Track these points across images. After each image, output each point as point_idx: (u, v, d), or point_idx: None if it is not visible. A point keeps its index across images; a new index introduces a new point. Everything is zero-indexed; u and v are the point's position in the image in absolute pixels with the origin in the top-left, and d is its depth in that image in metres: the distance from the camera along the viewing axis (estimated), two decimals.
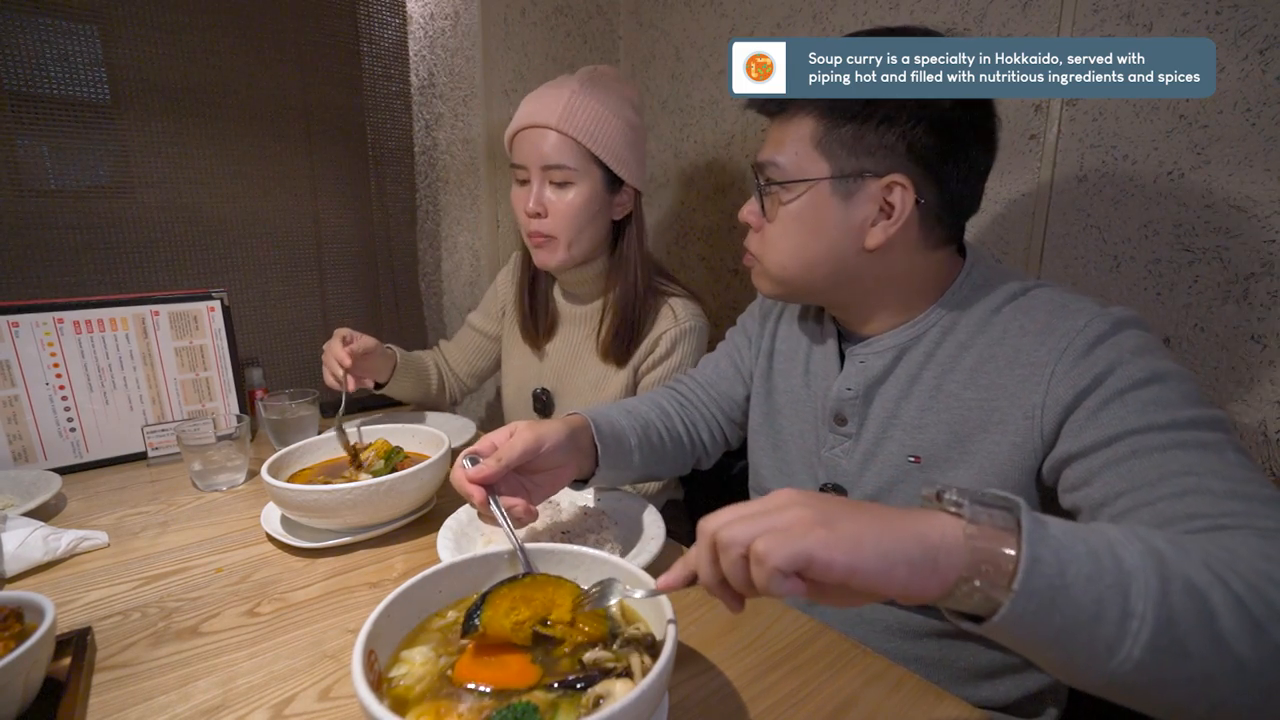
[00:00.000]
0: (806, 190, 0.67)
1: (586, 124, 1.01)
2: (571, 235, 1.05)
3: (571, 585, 0.54)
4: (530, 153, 1.04)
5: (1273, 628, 0.37)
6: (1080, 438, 0.57)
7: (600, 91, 1.04)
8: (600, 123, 1.02)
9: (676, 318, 1.09)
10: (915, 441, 0.69)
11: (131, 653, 0.61)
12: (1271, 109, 0.80)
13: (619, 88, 1.08)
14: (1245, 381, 0.85)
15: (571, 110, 1.01)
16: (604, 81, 1.07)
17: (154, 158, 1.20)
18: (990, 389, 0.64)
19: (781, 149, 0.68)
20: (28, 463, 1.01)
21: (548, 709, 0.43)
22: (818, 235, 0.68)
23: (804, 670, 0.58)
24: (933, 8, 1.10)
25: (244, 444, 1.00)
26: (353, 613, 0.67)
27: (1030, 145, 1.02)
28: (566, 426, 0.72)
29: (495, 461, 0.65)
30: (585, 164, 1.03)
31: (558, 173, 1.03)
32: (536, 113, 1.02)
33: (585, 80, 1.04)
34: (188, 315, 1.12)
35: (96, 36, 1.12)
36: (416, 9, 1.45)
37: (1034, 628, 0.36)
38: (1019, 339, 0.63)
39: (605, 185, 1.06)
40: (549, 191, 1.04)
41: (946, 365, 0.68)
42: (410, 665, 0.47)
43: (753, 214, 0.74)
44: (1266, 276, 0.83)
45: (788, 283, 0.73)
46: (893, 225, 0.65)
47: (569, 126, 1.01)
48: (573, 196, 1.04)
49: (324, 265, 1.41)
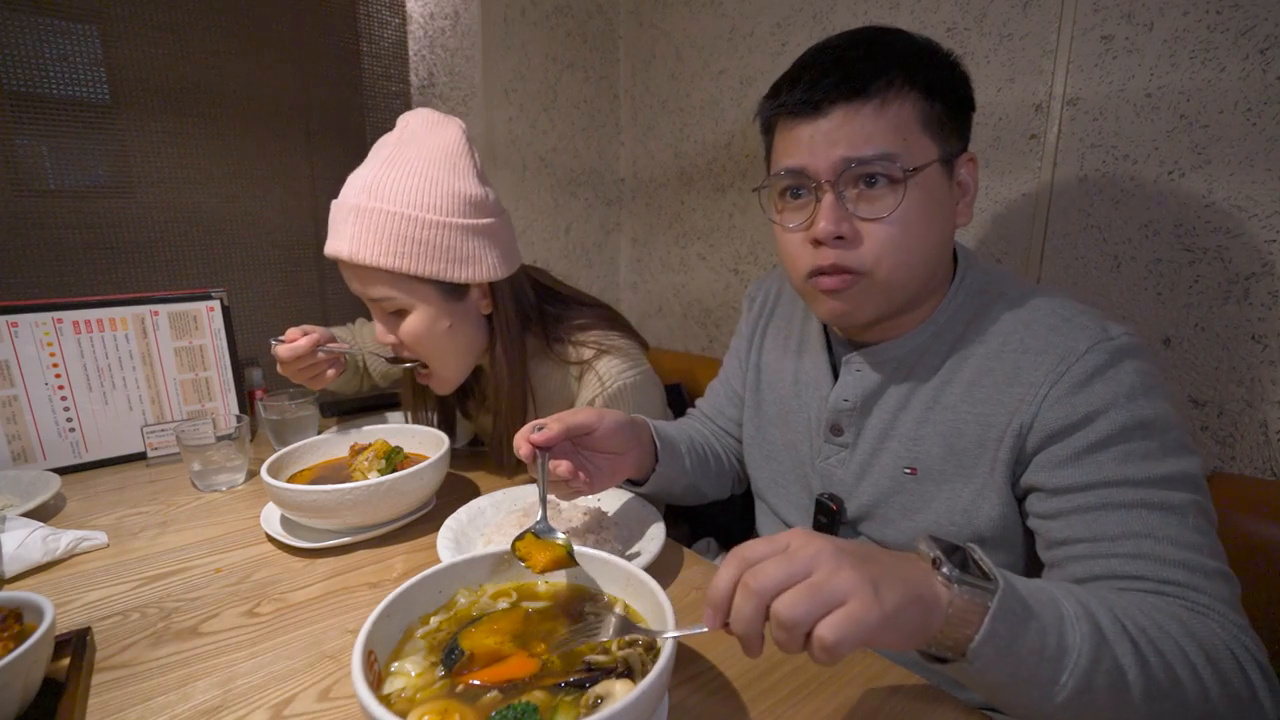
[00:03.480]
0: (928, 175, 0.62)
1: (386, 240, 0.81)
2: (441, 361, 0.91)
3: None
4: (353, 284, 0.88)
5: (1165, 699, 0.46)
6: (1057, 474, 0.58)
7: (400, 177, 0.82)
8: (406, 228, 0.81)
9: (602, 381, 0.93)
10: (911, 454, 0.69)
11: (131, 653, 0.61)
12: (1272, 109, 0.80)
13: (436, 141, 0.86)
14: (1245, 381, 0.85)
15: (366, 226, 0.81)
16: (416, 143, 0.85)
17: (154, 158, 1.20)
18: (987, 404, 0.64)
19: (889, 137, 0.60)
20: (27, 463, 1.01)
21: (548, 709, 0.43)
22: (939, 223, 0.64)
23: (804, 670, 0.57)
24: (933, 7, 1.10)
25: (244, 444, 1.00)
26: (353, 613, 0.67)
27: (1030, 145, 1.02)
28: (627, 416, 0.75)
29: (557, 423, 0.67)
30: (405, 285, 0.84)
31: (387, 303, 0.86)
32: (333, 236, 0.85)
33: (385, 162, 0.84)
34: (187, 315, 1.12)
35: (96, 36, 1.12)
36: (416, 9, 1.45)
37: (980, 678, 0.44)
38: (1019, 356, 0.62)
39: (442, 296, 0.86)
40: (391, 320, 0.89)
41: (945, 377, 0.67)
42: (406, 679, 0.47)
43: (844, 222, 0.62)
44: (1266, 276, 0.83)
45: (903, 289, 0.65)
46: (972, 201, 0.66)
47: (367, 253, 0.81)
48: (412, 324, 0.87)
49: (324, 265, 1.41)
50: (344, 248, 0.83)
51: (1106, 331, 0.59)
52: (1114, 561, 0.54)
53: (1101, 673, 0.44)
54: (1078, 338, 0.60)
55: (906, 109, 0.61)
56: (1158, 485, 0.55)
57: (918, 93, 0.61)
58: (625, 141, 1.81)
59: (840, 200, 0.62)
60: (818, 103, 0.62)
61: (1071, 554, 0.57)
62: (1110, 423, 0.56)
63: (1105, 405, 0.57)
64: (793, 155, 0.64)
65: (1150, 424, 0.56)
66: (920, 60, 0.62)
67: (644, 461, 0.79)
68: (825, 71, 0.62)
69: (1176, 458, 0.56)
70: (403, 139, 0.86)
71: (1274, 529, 0.74)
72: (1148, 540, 0.54)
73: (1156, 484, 0.55)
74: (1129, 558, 0.54)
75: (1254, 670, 0.49)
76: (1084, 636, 0.44)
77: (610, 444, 0.72)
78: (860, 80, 0.60)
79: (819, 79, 0.62)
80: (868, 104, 0.60)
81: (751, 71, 1.43)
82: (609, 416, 0.72)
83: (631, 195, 1.82)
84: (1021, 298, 0.66)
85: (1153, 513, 0.54)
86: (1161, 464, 0.55)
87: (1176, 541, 0.53)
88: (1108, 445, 0.57)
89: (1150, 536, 0.54)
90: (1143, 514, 0.55)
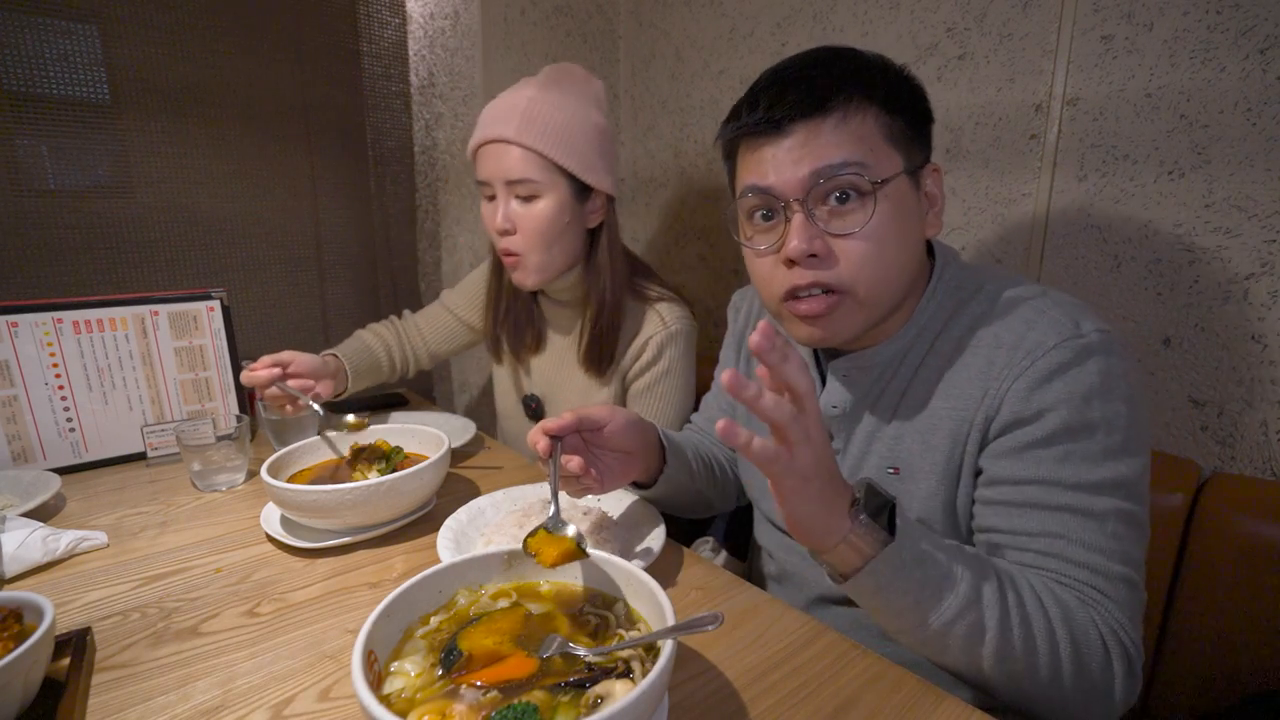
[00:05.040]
0: (895, 188, 0.62)
1: (546, 133, 0.95)
2: (542, 252, 1.01)
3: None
4: (493, 168, 0.98)
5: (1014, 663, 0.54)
6: (997, 464, 0.61)
7: (560, 94, 0.98)
8: (562, 130, 0.96)
9: (664, 321, 1.05)
10: (893, 453, 0.69)
11: (131, 653, 0.61)
12: (1272, 109, 0.80)
13: (583, 87, 1.02)
14: (1245, 381, 0.85)
15: (529, 120, 0.95)
16: (566, 82, 1.01)
17: (154, 158, 1.20)
18: (960, 399, 0.64)
19: (855, 149, 0.60)
20: (27, 463, 1.01)
21: (548, 709, 0.43)
22: (910, 235, 0.64)
23: (804, 670, 0.58)
24: (933, 7, 1.10)
25: (243, 444, 1.00)
26: (353, 613, 0.67)
27: (1030, 145, 1.02)
28: (637, 416, 0.76)
29: (570, 414, 0.69)
30: (549, 175, 0.97)
31: (522, 187, 0.97)
32: (494, 126, 0.97)
33: (544, 84, 0.99)
34: (187, 315, 1.12)
35: (96, 36, 1.12)
36: (416, 9, 1.45)
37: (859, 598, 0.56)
38: (991, 350, 0.63)
39: (574, 194, 1.00)
40: (515, 206, 0.99)
41: (924, 375, 0.68)
42: (406, 679, 0.47)
43: (817, 240, 0.61)
44: (1266, 276, 0.83)
45: (883, 304, 0.64)
46: (940, 212, 0.66)
47: (528, 138, 0.95)
48: (540, 209, 0.98)
49: (324, 265, 1.41)
50: (508, 131, 0.95)
51: (1078, 327, 0.59)
52: (1026, 555, 0.59)
53: (962, 625, 0.53)
54: (1047, 332, 0.60)
55: (869, 122, 0.61)
56: (1085, 490, 0.57)
57: (878, 107, 0.61)
58: (625, 141, 1.81)
59: (811, 218, 0.61)
60: (779, 121, 0.61)
61: (990, 540, 0.62)
62: (1056, 421, 0.58)
63: (1056, 403, 0.58)
64: (758, 175, 0.63)
65: (1095, 426, 0.57)
66: (876, 75, 0.63)
67: (651, 464, 0.80)
68: (785, 90, 0.62)
69: (1115, 462, 0.57)
70: (555, 78, 1.01)
71: (1274, 529, 0.74)
72: (1059, 541, 0.58)
73: (1085, 489, 0.57)
74: (1039, 554, 0.59)
75: (1120, 665, 0.55)
76: (960, 595, 0.53)
77: (621, 441, 0.73)
78: (821, 95, 0.60)
79: (779, 98, 0.62)
80: (829, 118, 0.60)
81: (751, 71, 1.43)
82: (620, 414, 0.72)
83: (631, 195, 1.82)
84: (998, 291, 0.66)
85: (1073, 517, 0.58)
86: (1097, 468, 0.57)
87: (1087, 545, 0.57)
88: (1049, 444, 0.58)
89: (1063, 538, 0.58)
90: (1063, 517, 0.58)
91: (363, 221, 1.44)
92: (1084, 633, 0.55)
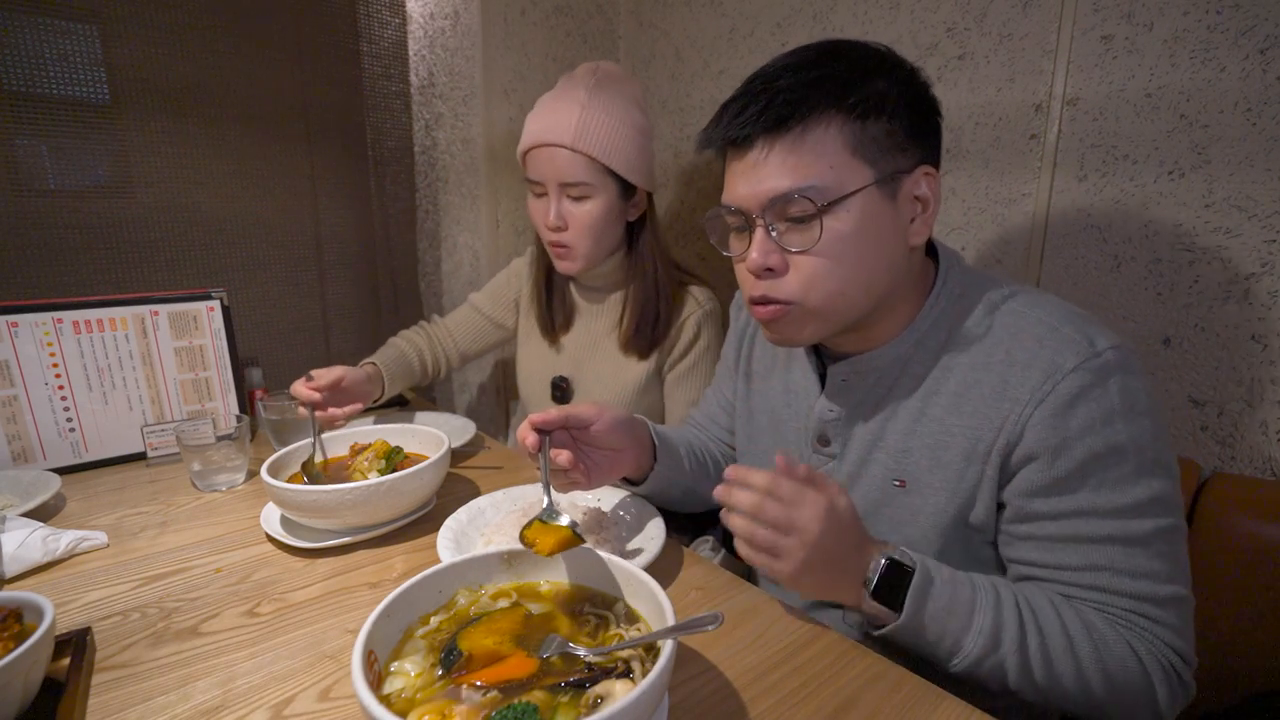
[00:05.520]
0: (859, 203, 0.61)
1: (599, 140, 1.03)
2: (590, 245, 1.09)
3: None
4: (546, 169, 1.06)
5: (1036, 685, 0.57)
6: (1031, 502, 0.61)
7: (608, 99, 1.05)
8: (612, 136, 1.04)
9: (698, 301, 1.14)
10: (900, 465, 0.68)
11: (131, 653, 0.61)
12: (1272, 109, 0.80)
13: (626, 89, 1.09)
14: (1245, 381, 0.85)
15: (584, 127, 1.02)
16: (611, 85, 1.08)
17: (154, 158, 1.20)
18: (975, 417, 0.63)
19: (811, 169, 0.60)
20: (27, 463, 1.01)
21: (548, 709, 0.43)
22: (878, 247, 0.63)
23: (804, 670, 0.58)
24: (933, 7, 1.10)
25: (243, 444, 1.00)
26: (353, 613, 0.67)
27: (1030, 145, 1.02)
28: (627, 414, 0.77)
29: (557, 411, 0.71)
30: (601, 178, 1.05)
31: (575, 189, 1.05)
32: (549, 130, 1.04)
33: (593, 88, 1.05)
34: (187, 315, 1.12)
35: (96, 36, 1.12)
36: (416, 9, 1.45)
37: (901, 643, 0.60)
38: (1006, 369, 0.62)
39: (620, 193, 1.08)
40: (567, 204, 1.07)
41: (931, 388, 0.66)
42: (406, 679, 0.47)
43: (774, 254, 0.63)
44: (1266, 276, 0.83)
45: (842, 314, 0.65)
46: (931, 217, 0.64)
47: (583, 145, 1.02)
48: (590, 208, 1.06)
49: (324, 265, 1.41)
50: (565, 138, 1.02)
51: (1093, 345, 0.59)
52: (1070, 589, 0.60)
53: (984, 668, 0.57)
54: (1064, 353, 0.59)
55: (832, 135, 0.60)
56: (1125, 515, 0.57)
57: (845, 116, 0.60)
58: None
59: (769, 234, 0.63)
60: (742, 137, 0.62)
61: (1032, 574, 0.62)
62: (1085, 450, 0.58)
63: (1083, 431, 0.58)
64: (728, 190, 0.66)
65: (1124, 448, 0.57)
66: (853, 81, 0.60)
67: (643, 461, 0.80)
68: (750, 102, 0.62)
69: (1149, 479, 0.57)
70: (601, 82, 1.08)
71: (1274, 529, 0.74)
72: (1104, 573, 0.58)
73: (1124, 513, 0.57)
74: (1085, 587, 0.59)
75: (1164, 689, 0.56)
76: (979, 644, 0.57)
77: (608, 440, 0.74)
78: (780, 111, 0.60)
79: (742, 110, 0.62)
80: (787, 135, 0.60)
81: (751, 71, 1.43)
82: (608, 413, 0.73)
83: None
84: (1004, 300, 0.65)
85: (1116, 546, 0.58)
86: (1132, 489, 0.57)
87: (1134, 573, 0.58)
88: (1082, 475, 0.58)
89: (1109, 569, 0.58)
90: (1106, 548, 0.58)
91: (363, 221, 1.44)
92: (1120, 665, 0.56)
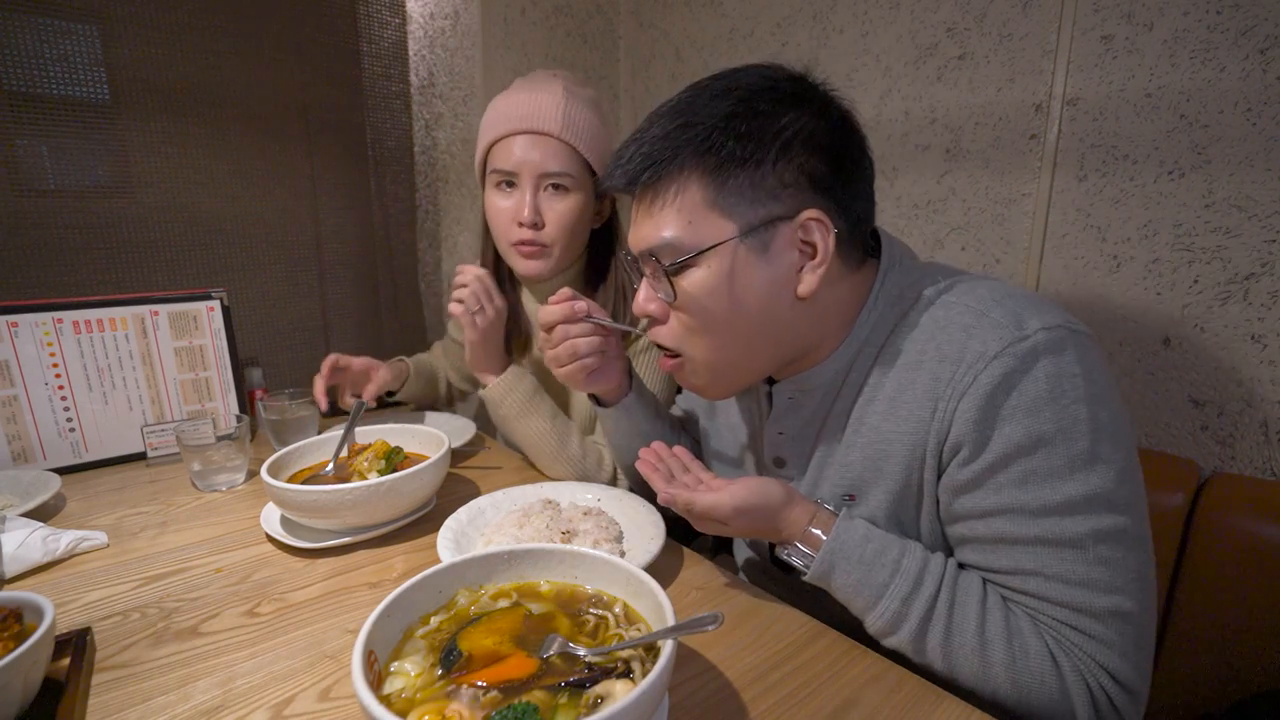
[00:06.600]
0: (717, 258, 0.59)
1: (583, 131, 0.98)
2: (565, 244, 1.02)
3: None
4: (525, 158, 0.97)
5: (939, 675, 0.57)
6: (958, 499, 0.58)
7: (583, 97, 1.02)
8: (594, 131, 1.00)
9: None
10: (847, 479, 0.66)
11: (131, 653, 0.61)
12: (1272, 109, 0.80)
13: (590, 93, 1.06)
14: (1245, 381, 0.85)
15: (570, 117, 0.97)
16: (578, 88, 1.04)
17: (154, 158, 1.20)
18: (910, 421, 0.60)
19: (668, 224, 0.59)
20: (27, 463, 1.01)
21: (548, 709, 0.43)
22: (747, 302, 0.60)
23: (804, 670, 0.58)
24: (933, 7, 1.10)
25: (244, 444, 1.00)
26: (353, 613, 0.67)
27: (1030, 145, 1.02)
28: None
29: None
30: (582, 173, 1.00)
31: (557, 179, 0.98)
32: (532, 117, 0.97)
33: (568, 84, 1.01)
34: (187, 315, 1.12)
35: (96, 36, 1.12)
36: (416, 9, 1.45)
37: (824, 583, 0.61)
38: (936, 366, 0.58)
39: (593, 193, 1.03)
40: (545, 198, 0.99)
41: (869, 395, 0.64)
42: (406, 679, 0.47)
43: (654, 301, 0.63)
44: (1266, 276, 0.83)
45: (736, 367, 0.64)
46: (820, 264, 0.59)
47: (570, 134, 0.97)
48: (571, 204, 1.00)
49: (324, 265, 1.41)
50: (552, 126, 0.97)
51: (1021, 329, 0.54)
52: (1007, 594, 0.57)
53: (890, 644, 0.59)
54: (988, 339, 0.55)
55: (689, 191, 0.58)
56: (1055, 513, 0.53)
57: (703, 171, 0.58)
58: None
59: (648, 281, 0.64)
60: (615, 188, 0.64)
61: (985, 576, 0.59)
62: (1007, 440, 0.53)
63: (1004, 420, 0.53)
64: None
65: (1052, 439, 0.52)
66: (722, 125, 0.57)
67: (623, 379, 0.84)
68: (624, 149, 0.62)
69: (1085, 474, 0.52)
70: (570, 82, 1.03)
71: (1274, 529, 0.74)
72: (1035, 579, 0.54)
73: (1054, 512, 0.53)
74: (1016, 591, 0.56)
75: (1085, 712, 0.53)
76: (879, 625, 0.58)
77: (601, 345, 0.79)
78: (640, 165, 0.60)
79: (618, 158, 0.62)
80: (650, 188, 0.61)
81: None
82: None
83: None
84: (939, 294, 0.61)
85: (1047, 549, 0.53)
86: (1063, 485, 0.52)
87: (1067, 580, 0.53)
88: (1005, 467, 0.54)
89: (1039, 575, 0.54)
90: (1036, 551, 0.54)
91: (363, 221, 1.44)
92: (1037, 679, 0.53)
